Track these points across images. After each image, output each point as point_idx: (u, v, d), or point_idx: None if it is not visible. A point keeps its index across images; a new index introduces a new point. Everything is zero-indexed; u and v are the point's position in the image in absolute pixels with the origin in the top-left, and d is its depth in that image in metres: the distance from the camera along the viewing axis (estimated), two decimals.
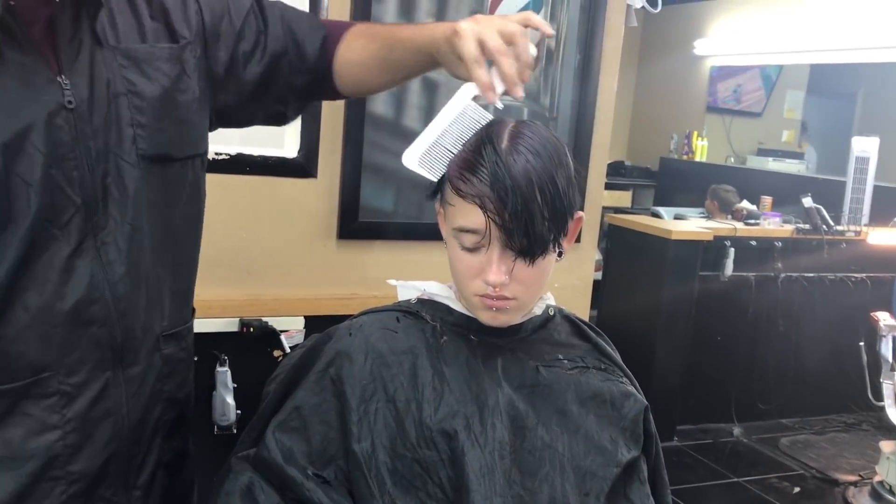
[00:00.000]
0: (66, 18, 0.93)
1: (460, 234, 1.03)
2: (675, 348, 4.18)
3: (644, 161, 7.35)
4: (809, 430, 4.50)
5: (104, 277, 0.97)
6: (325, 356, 1.10)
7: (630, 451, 1.12)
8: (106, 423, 0.99)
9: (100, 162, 0.96)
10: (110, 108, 0.97)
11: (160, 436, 1.08)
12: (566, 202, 1.02)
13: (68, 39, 0.94)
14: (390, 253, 2.31)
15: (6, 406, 0.93)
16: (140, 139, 0.99)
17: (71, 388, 0.96)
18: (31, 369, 0.93)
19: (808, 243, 4.45)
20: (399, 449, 1.03)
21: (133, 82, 0.99)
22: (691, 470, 3.90)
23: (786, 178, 5.96)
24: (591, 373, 1.15)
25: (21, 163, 0.88)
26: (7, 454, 0.94)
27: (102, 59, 0.96)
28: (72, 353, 0.95)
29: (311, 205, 2.21)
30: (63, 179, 0.92)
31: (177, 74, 1.03)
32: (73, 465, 0.97)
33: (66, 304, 0.94)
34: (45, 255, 0.92)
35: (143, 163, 1.00)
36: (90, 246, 0.95)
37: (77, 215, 0.94)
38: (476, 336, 1.11)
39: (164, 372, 1.07)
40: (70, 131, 0.92)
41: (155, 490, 1.08)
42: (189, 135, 1.07)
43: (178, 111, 1.04)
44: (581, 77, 2.43)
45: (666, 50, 7.25)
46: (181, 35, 1.05)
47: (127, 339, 1.00)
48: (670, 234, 4.09)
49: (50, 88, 0.91)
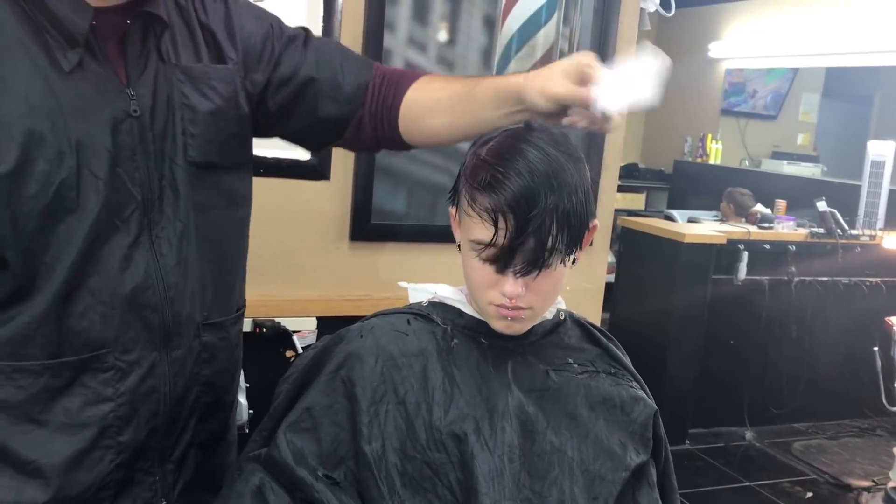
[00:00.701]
0: (136, 37, 1.06)
1: (476, 245, 1.03)
2: (688, 352, 4.17)
3: (658, 164, 7.33)
4: (823, 434, 4.47)
5: (157, 267, 1.08)
6: (336, 357, 1.11)
7: (639, 455, 1.12)
8: (151, 399, 1.09)
9: (157, 165, 1.07)
10: (168, 118, 1.08)
11: (195, 416, 1.17)
12: (583, 217, 1.02)
13: (137, 55, 1.06)
14: (402, 255, 2.32)
15: (68, 377, 1.04)
16: (190, 147, 1.10)
17: (125, 365, 1.07)
18: (92, 345, 1.04)
19: (823, 247, 4.43)
20: (409, 451, 1.04)
21: (187, 96, 1.10)
22: (703, 474, 3.89)
23: (801, 182, 5.93)
24: (600, 377, 1.15)
25: (92, 159, 1.01)
26: (66, 421, 1.05)
27: (164, 75, 1.08)
28: (127, 333, 1.06)
29: (323, 207, 2.22)
30: (127, 177, 1.04)
31: (230, 93, 1.14)
32: (122, 435, 1.08)
33: (125, 288, 1.05)
34: (108, 244, 1.04)
35: (192, 168, 1.11)
36: (146, 239, 1.07)
37: (137, 210, 1.05)
38: (486, 339, 1.11)
39: (203, 357, 1.16)
40: (134, 136, 1.04)
41: (187, 466, 1.17)
42: (234, 146, 1.17)
43: (226, 125, 1.14)
44: None
45: (680, 53, 7.22)
46: (229, 57, 1.16)
47: (174, 324, 1.10)
48: (683, 238, 4.08)
49: (119, 97, 1.03)
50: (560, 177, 0.99)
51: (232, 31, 1.17)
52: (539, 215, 0.97)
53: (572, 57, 1.07)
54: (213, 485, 1.21)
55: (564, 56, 2.39)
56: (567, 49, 2.39)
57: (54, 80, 0.98)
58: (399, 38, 2.20)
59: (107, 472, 1.08)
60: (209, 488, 1.20)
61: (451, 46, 2.31)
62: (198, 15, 1.15)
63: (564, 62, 1.07)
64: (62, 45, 0.99)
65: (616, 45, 2.42)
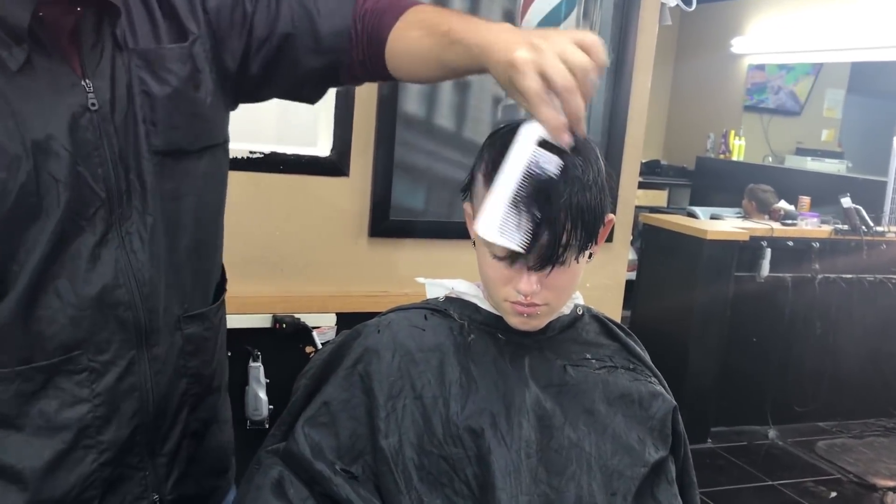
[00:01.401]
0: (88, 27, 1.00)
1: (490, 243, 1.03)
2: (710, 349, 4.14)
3: (680, 160, 7.29)
4: (847, 433, 4.43)
5: (128, 264, 1.04)
6: (353, 353, 1.11)
7: (658, 451, 1.11)
8: (132, 397, 1.07)
9: (122, 158, 1.02)
10: (129, 107, 1.03)
11: (186, 408, 1.15)
12: (597, 212, 1.01)
13: (91, 46, 1.00)
14: (420, 251, 2.32)
15: (41, 381, 1.02)
16: (152, 135, 1.05)
17: (99, 366, 1.04)
18: (63, 348, 1.01)
19: (847, 244, 4.38)
20: (426, 445, 1.04)
21: (145, 82, 1.04)
22: (725, 472, 3.86)
23: (825, 178, 5.87)
24: (619, 372, 1.14)
25: (50, 161, 0.96)
26: (44, 424, 1.03)
27: (122, 62, 1.03)
28: (100, 334, 1.03)
29: (342, 203, 2.22)
30: (89, 176, 0.99)
31: (188, 73, 1.08)
32: (102, 435, 1.05)
33: (94, 289, 1.01)
34: (73, 245, 1.00)
35: (157, 157, 1.05)
36: (115, 236, 1.03)
37: (102, 208, 1.01)
38: (503, 335, 1.11)
39: (188, 350, 1.13)
40: (94, 131, 0.99)
41: (180, 457, 1.15)
42: (202, 128, 1.11)
43: (190, 107, 1.08)
44: (615, 76, 2.42)
45: (702, 48, 7.18)
46: (190, 31, 1.09)
47: (150, 320, 1.07)
48: (706, 234, 4.05)
49: (74, 91, 0.98)
50: (573, 172, 0.98)
51: (194, 1, 1.10)
52: (552, 211, 0.97)
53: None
54: (212, 468, 1.21)
55: None
56: None
57: (2, 81, 0.93)
58: None
59: (90, 471, 1.06)
60: (207, 472, 1.19)
61: None
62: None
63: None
64: (6, 43, 0.93)
65: (636, 40, 2.40)
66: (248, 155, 2.07)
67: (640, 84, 2.47)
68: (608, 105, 2.43)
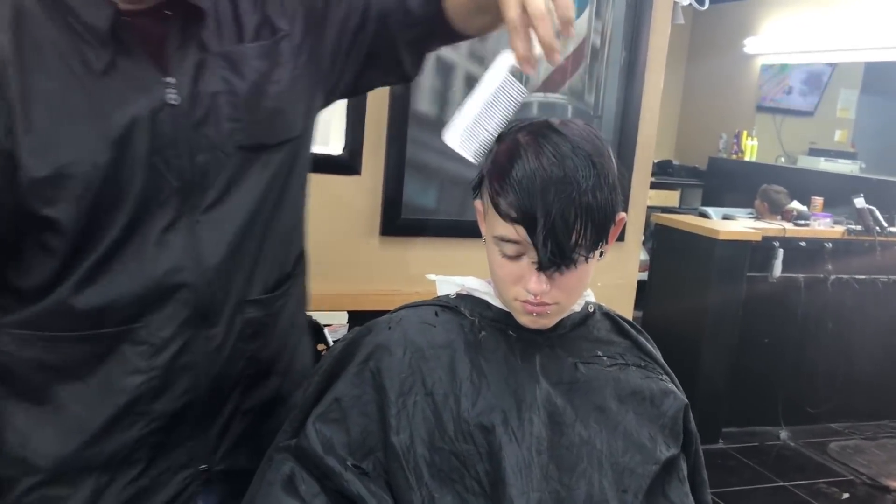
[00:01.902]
0: (175, 30, 1.09)
1: (500, 242, 1.03)
2: (722, 350, 4.13)
3: (692, 160, 7.26)
4: (860, 435, 4.40)
5: (194, 250, 1.11)
6: (364, 349, 1.11)
7: (669, 448, 1.11)
8: (185, 374, 1.14)
9: (200, 151, 1.10)
10: (211, 105, 1.10)
11: (240, 388, 1.21)
12: (608, 210, 1.00)
13: (176, 47, 1.09)
14: (432, 250, 2.32)
15: (108, 346, 1.11)
16: (237, 132, 1.12)
17: (158, 341, 1.12)
18: (127, 319, 1.10)
19: (860, 245, 4.36)
20: (437, 442, 1.04)
21: (229, 81, 1.12)
22: (736, 473, 3.85)
23: (838, 179, 5.83)
24: (630, 370, 1.14)
25: (128, 153, 1.05)
26: (106, 385, 1.12)
27: (206, 63, 1.11)
28: (161, 312, 1.11)
29: (354, 201, 2.23)
30: (163, 166, 1.07)
31: (267, 68, 1.15)
32: (155, 405, 1.14)
33: (159, 270, 1.09)
34: (144, 228, 1.08)
35: (241, 152, 1.13)
36: (184, 223, 1.10)
37: (174, 196, 1.09)
38: (514, 331, 1.11)
39: (247, 333, 1.19)
40: (172, 125, 1.07)
41: (231, 432, 1.22)
42: (281, 122, 1.18)
43: (269, 102, 1.15)
44: (627, 75, 2.41)
45: (715, 48, 7.16)
46: (279, 28, 1.17)
47: (210, 303, 1.14)
48: (718, 234, 4.03)
49: (156, 88, 1.06)
50: (583, 171, 0.98)
51: (292, 3, 1.18)
52: (562, 211, 0.96)
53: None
54: (264, 447, 1.24)
55: (597, 50, 2.38)
56: (599, 43, 2.37)
57: (89, 82, 1.03)
58: None
59: (139, 436, 1.14)
60: (258, 450, 1.22)
61: (483, 40, 2.31)
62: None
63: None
64: (93, 46, 1.03)
65: (649, 39, 2.40)
66: None
67: (652, 83, 2.46)
68: (620, 104, 2.43)
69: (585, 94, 2.38)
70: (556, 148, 0.99)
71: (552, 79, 2.33)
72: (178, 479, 1.18)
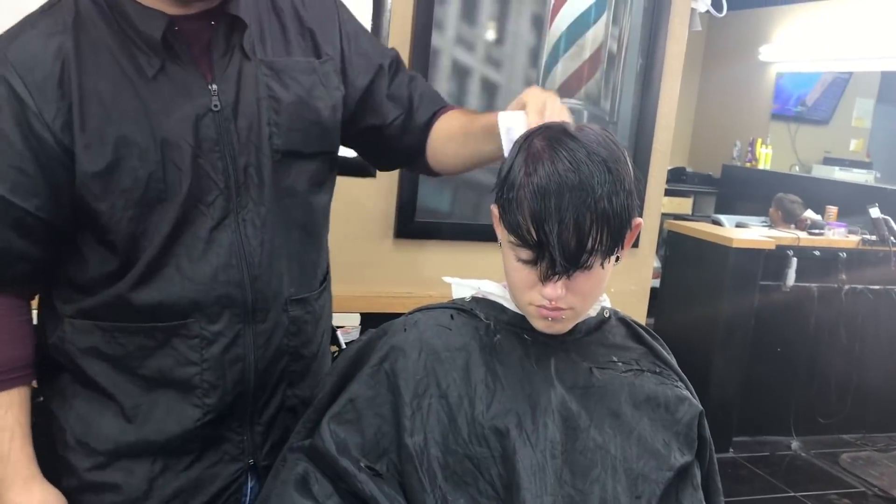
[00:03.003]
0: (220, 38, 1.16)
1: (516, 246, 1.03)
2: (734, 358, 4.11)
3: (706, 168, 7.24)
4: (872, 446, 4.37)
5: (241, 248, 1.17)
6: (379, 350, 1.11)
7: (683, 455, 1.11)
8: (236, 367, 1.20)
9: (242, 154, 1.16)
10: (254, 110, 1.17)
11: (285, 383, 1.27)
12: (624, 216, 1.00)
13: (221, 55, 1.16)
14: (446, 253, 2.32)
15: (161, 340, 1.17)
16: (275, 136, 1.19)
17: (210, 335, 1.18)
18: (180, 314, 1.16)
19: (875, 255, 4.33)
20: (451, 444, 1.04)
21: (272, 89, 1.18)
22: (747, 482, 3.83)
23: (853, 188, 5.80)
24: (645, 376, 1.14)
25: (174, 153, 1.12)
26: (159, 377, 1.18)
27: (249, 70, 1.17)
28: (212, 307, 1.17)
29: (369, 204, 2.23)
30: (209, 167, 1.14)
31: (312, 84, 1.23)
32: (209, 398, 1.19)
33: (209, 267, 1.16)
34: (193, 227, 1.14)
35: (277, 156, 1.19)
36: (231, 222, 1.16)
37: (220, 196, 1.15)
38: (530, 335, 1.11)
39: (291, 330, 1.25)
40: (215, 129, 1.14)
41: (276, 428, 1.27)
42: (319, 135, 1.25)
43: (309, 114, 1.22)
44: (643, 81, 2.41)
45: (730, 55, 7.14)
46: (325, 52, 1.26)
47: (257, 300, 1.19)
48: (731, 242, 4.02)
49: (201, 94, 1.13)
50: (599, 177, 0.97)
51: (331, 28, 1.28)
52: (577, 217, 0.96)
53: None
54: None
55: (613, 56, 2.38)
56: (616, 49, 2.37)
57: (140, 85, 1.10)
58: (447, 37, 2.20)
59: (192, 427, 1.19)
60: None
61: (500, 46, 2.31)
62: (297, 12, 1.24)
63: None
64: (146, 52, 1.10)
65: (666, 46, 2.40)
66: None
67: (668, 90, 2.46)
68: (636, 111, 2.43)
69: (601, 100, 2.38)
70: (572, 154, 0.98)
71: (568, 84, 2.33)
72: (228, 472, 1.23)
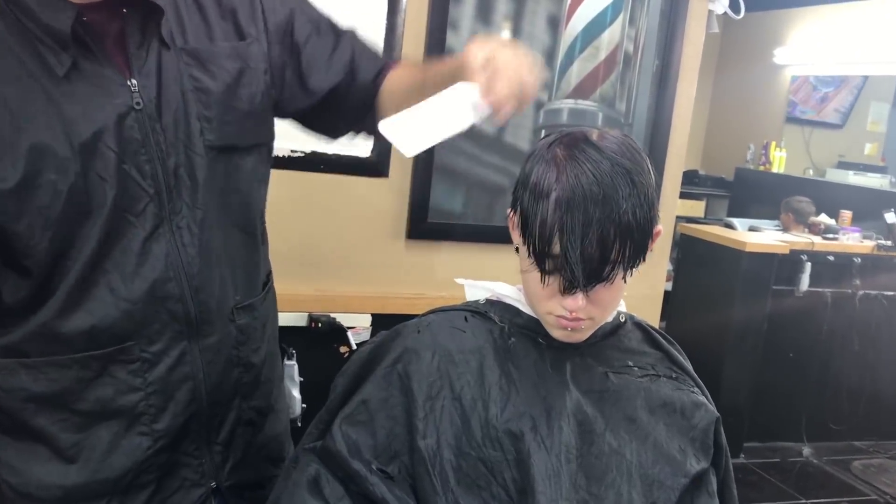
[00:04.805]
0: (134, 28, 1.04)
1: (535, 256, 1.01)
2: (745, 363, 4.08)
3: (719, 171, 7.20)
4: (884, 454, 4.34)
5: (178, 258, 1.07)
6: (393, 352, 1.10)
7: (699, 462, 1.09)
8: (185, 386, 1.11)
9: (171, 154, 1.05)
10: (179, 104, 1.06)
11: (239, 396, 1.18)
12: (647, 228, 0.98)
13: (137, 46, 1.04)
14: (458, 254, 2.31)
15: (97, 369, 1.07)
16: (207, 131, 1.08)
17: (151, 356, 1.08)
18: (117, 339, 1.06)
19: (890, 260, 4.29)
20: (464, 447, 1.03)
21: (198, 79, 1.07)
22: (757, 489, 3.80)
23: (867, 193, 5.76)
24: (661, 381, 1.13)
25: (96, 161, 1.00)
26: (100, 409, 1.08)
27: (170, 61, 1.06)
28: (151, 325, 1.07)
29: (381, 204, 2.23)
30: (136, 173, 1.03)
31: (239, 69, 1.12)
32: (157, 423, 1.10)
33: (144, 283, 1.05)
34: (123, 240, 1.04)
35: (211, 153, 1.09)
36: (165, 230, 1.06)
37: (151, 204, 1.05)
38: (544, 339, 1.10)
39: (240, 340, 1.17)
40: (140, 129, 1.03)
41: (235, 445, 1.19)
42: (253, 125, 1.15)
43: (241, 104, 1.12)
44: (659, 83, 2.39)
45: (744, 58, 7.10)
46: (248, 32, 1.14)
47: (201, 312, 1.10)
48: (744, 246, 3.99)
49: (120, 92, 1.02)
50: (623, 190, 0.95)
51: (252, 6, 1.15)
52: (602, 231, 0.95)
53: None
54: (268, 456, 1.23)
55: (629, 57, 2.36)
56: (632, 50, 2.35)
57: (50, 87, 0.98)
58: (462, 37, 2.19)
59: (144, 457, 1.11)
60: (264, 459, 1.22)
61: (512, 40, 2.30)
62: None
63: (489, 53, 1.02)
64: (54, 49, 0.97)
65: (683, 48, 2.38)
66: (290, 154, 2.08)
67: (684, 92, 2.44)
68: (651, 112, 2.41)
69: (616, 102, 2.36)
70: (596, 165, 0.96)
71: (583, 85, 2.31)
72: (191, 499, 1.15)
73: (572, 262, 0.96)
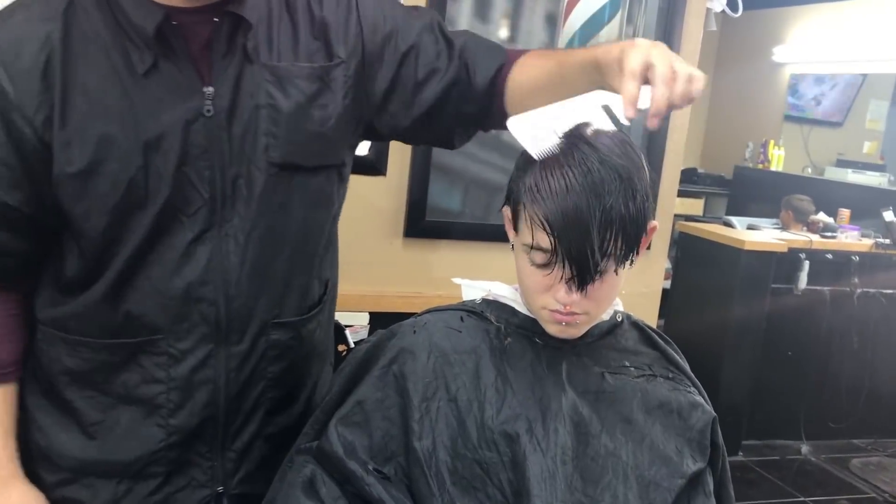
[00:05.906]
0: (221, 37, 1.06)
1: (530, 250, 1.01)
2: (744, 362, 4.08)
3: (718, 169, 7.20)
4: (883, 452, 4.34)
5: (220, 264, 1.10)
6: (388, 352, 1.10)
7: (696, 462, 1.09)
8: (205, 388, 1.13)
9: (233, 164, 1.08)
10: (250, 118, 1.08)
11: (261, 410, 1.19)
12: (639, 221, 0.99)
13: (221, 55, 1.06)
14: (456, 253, 2.31)
15: (126, 356, 1.11)
16: (272, 148, 1.09)
17: (177, 353, 1.11)
18: (148, 330, 1.10)
19: (888, 259, 4.29)
20: (460, 449, 1.03)
21: (273, 96, 1.09)
22: (756, 486, 3.81)
23: (866, 191, 5.76)
24: (658, 381, 1.12)
25: (158, 159, 1.04)
26: (124, 393, 1.13)
27: (250, 74, 1.08)
28: (181, 324, 1.10)
29: (379, 202, 2.22)
30: (194, 176, 1.06)
31: (316, 90, 1.12)
32: (173, 418, 1.13)
33: (182, 281, 1.09)
34: (170, 238, 1.07)
35: (272, 169, 1.10)
36: (213, 236, 1.09)
37: (204, 208, 1.07)
38: (541, 339, 1.10)
39: (271, 355, 1.17)
40: (206, 136, 1.06)
41: (251, 457, 1.19)
42: (321, 147, 1.15)
43: (311, 125, 1.12)
44: None
45: (743, 56, 7.10)
46: (336, 54, 1.14)
47: (233, 320, 1.12)
48: (743, 245, 3.99)
49: (194, 97, 1.05)
50: (616, 183, 0.96)
51: (348, 24, 1.15)
52: (594, 223, 0.95)
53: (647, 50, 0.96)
54: None
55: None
56: None
57: (129, 82, 1.02)
58: None
59: (156, 448, 1.13)
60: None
61: (513, 44, 2.29)
62: (311, 8, 1.13)
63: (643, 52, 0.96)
64: (139, 47, 1.02)
65: (681, 46, 2.37)
66: None
67: None
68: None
69: None
70: (588, 160, 0.97)
71: None
72: (195, 499, 1.17)
73: (564, 255, 0.97)
